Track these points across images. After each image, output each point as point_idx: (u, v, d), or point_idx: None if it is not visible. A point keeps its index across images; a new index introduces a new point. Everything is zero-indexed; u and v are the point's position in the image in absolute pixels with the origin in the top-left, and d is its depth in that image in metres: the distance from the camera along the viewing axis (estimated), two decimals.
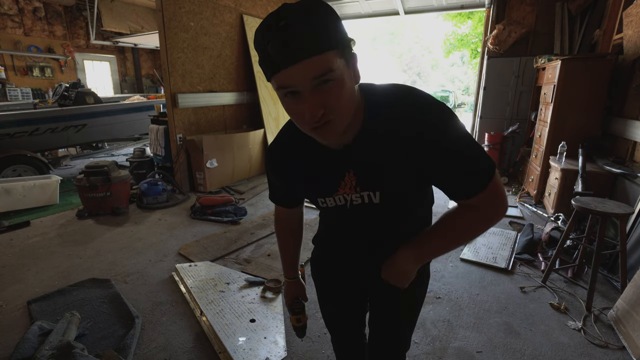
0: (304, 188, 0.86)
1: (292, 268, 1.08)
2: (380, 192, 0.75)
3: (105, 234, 3.05)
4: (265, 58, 0.58)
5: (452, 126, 0.67)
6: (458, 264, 2.58)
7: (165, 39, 3.74)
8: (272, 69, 0.58)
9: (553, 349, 1.74)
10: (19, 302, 2.09)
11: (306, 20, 0.55)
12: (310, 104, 0.58)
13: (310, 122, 0.61)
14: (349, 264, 0.96)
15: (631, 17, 3.09)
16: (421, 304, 1.00)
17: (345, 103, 0.61)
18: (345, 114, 0.63)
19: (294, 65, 0.55)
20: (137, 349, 1.72)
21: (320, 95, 0.58)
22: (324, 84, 0.58)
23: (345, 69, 0.60)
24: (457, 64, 23.75)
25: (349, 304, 1.04)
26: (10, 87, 7.53)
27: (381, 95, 0.70)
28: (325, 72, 0.56)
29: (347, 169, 0.75)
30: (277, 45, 0.55)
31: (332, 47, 0.57)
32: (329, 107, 0.59)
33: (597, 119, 3.36)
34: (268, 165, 0.87)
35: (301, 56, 0.55)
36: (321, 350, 1.73)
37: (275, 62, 0.56)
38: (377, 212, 0.79)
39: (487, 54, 4.97)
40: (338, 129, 0.63)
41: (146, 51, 10.45)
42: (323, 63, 0.56)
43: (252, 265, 2.53)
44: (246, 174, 4.76)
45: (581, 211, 2.09)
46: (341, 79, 0.59)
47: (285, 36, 0.54)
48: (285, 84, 0.58)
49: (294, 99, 0.60)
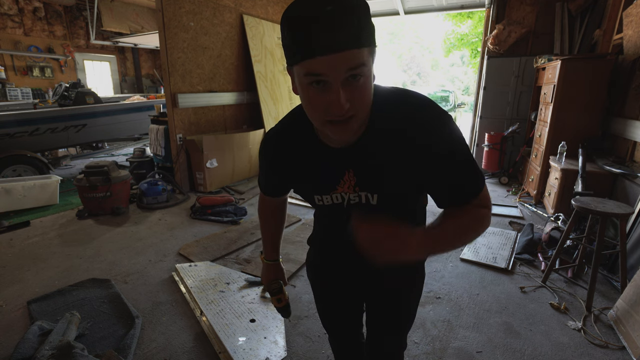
0: (299, 183, 0.85)
1: (273, 250, 1.08)
2: (378, 194, 0.75)
3: (105, 234, 3.05)
4: (299, 40, 0.54)
5: (454, 136, 0.68)
6: (458, 264, 2.58)
7: (165, 39, 3.74)
8: (306, 53, 0.54)
9: (553, 349, 1.74)
10: (19, 302, 2.09)
11: (353, 11, 0.53)
12: (340, 97, 0.57)
13: (335, 114, 0.59)
14: (344, 265, 0.96)
15: (631, 17, 3.09)
16: (417, 304, 1.00)
17: (368, 101, 0.61)
18: (364, 112, 0.63)
19: (334, 53, 0.53)
20: (137, 349, 1.72)
21: (349, 90, 0.57)
22: (354, 79, 0.57)
23: (372, 67, 0.60)
24: (457, 64, 23.76)
25: (346, 305, 1.04)
26: (10, 87, 7.53)
27: (386, 98, 0.70)
28: (359, 65, 0.56)
29: (348, 168, 0.74)
30: (322, 29, 0.52)
31: (367, 44, 0.56)
32: (355, 103, 0.59)
33: (597, 119, 3.36)
34: (262, 153, 0.85)
35: (342, 47, 0.53)
36: (321, 350, 1.73)
37: (313, 46, 0.53)
38: (374, 213, 0.78)
39: (487, 54, 4.97)
40: (355, 127, 0.63)
41: (146, 51, 10.45)
42: (358, 57, 0.55)
43: (252, 265, 2.53)
44: (246, 174, 4.76)
45: (581, 211, 2.10)
46: (369, 76, 0.59)
47: (331, 23, 0.52)
48: (317, 71, 0.55)
49: (320, 89, 0.58)
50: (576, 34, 4.23)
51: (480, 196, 0.72)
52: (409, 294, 0.94)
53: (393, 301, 0.94)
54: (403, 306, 0.96)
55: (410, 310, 0.99)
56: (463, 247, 2.74)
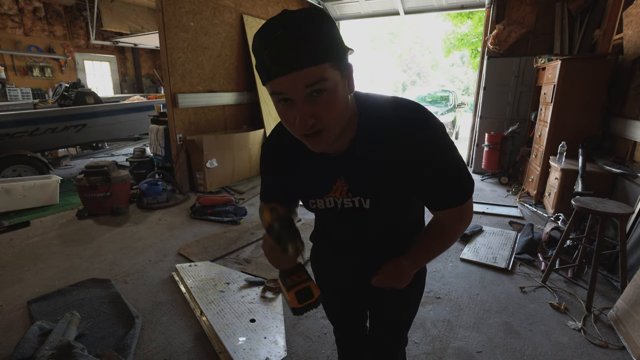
0: (294, 187, 0.86)
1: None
2: (371, 199, 0.77)
3: (105, 234, 3.05)
4: (260, 64, 0.59)
5: (444, 144, 0.71)
6: (458, 264, 2.58)
7: (165, 39, 3.74)
8: (266, 75, 0.59)
9: (553, 349, 1.74)
10: (19, 302, 2.09)
11: (303, 31, 0.56)
12: (302, 113, 0.60)
13: (300, 130, 0.62)
14: (343, 262, 0.98)
15: (631, 17, 3.09)
16: (419, 300, 1.03)
17: (336, 114, 0.62)
18: (335, 125, 0.64)
19: (288, 74, 0.56)
20: (137, 349, 1.72)
21: (312, 105, 0.59)
22: (317, 94, 0.58)
23: (339, 80, 0.61)
24: (457, 64, 23.75)
25: (349, 299, 1.06)
26: (10, 87, 7.53)
27: (376, 106, 0.72)
28: (317, 81, 0.57)
29: (339, 175, 0.77)
30: (273, 53, 0.56)
31: (326, 60, 0.58)
32: (320, 118, 0.61)
33: (597, 119, 3.36)
34: (262, 160, 0.88)
35: (294, 67, 0.56)
36: (321, 350, 1.73)
37: (270, 69, 0.57)
38: (368, 216, 0.81)
39: (487, 54, 4.97)
40: (327, 139, 0.64)
41: (146, 51, 10.45)
42: (316, 74, 0.57)
43: (252, 265, 2.53)
44: (246, 174, 4.76)
45: (581, 211, 2.10)
46: (334, 90, 0.60)
47: (281, 46, 0.55)
48: (278, 90, 0.59)
49: (287, 105, 0.61)
50: (576, 34, 4.23)
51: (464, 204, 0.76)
52: (410, 289, 0.95)
53: (395, 297, 0.95)
54: (405, 302, 0.98)
55: (412, 306, 1.01)
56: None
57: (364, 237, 0.89)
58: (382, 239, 0.89)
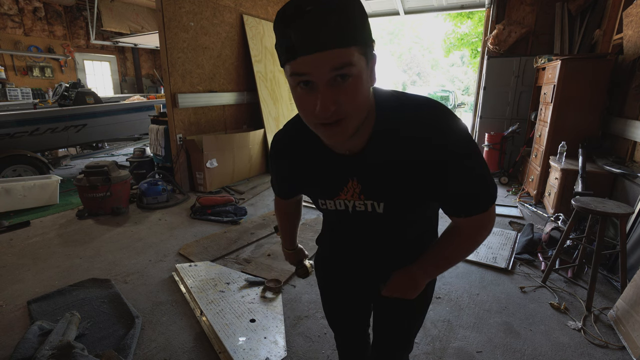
0: (304, 186, 0.84)
1: (291, 242, 1.14)
2: (385, 203, 0.73)
3: (105, 234, 3.05)
4: (283, 41, 0.54)
5: (468, 145, 0.66)
6: (458, 264, 2.57)
7: (165, 39, 3.74)
8: (289, 54, 0.54)
9: (553, 349, 1.74)
10: (19, 302, 2.09)
11: (336, 10, 0.52)
12: (324, 98, 0.55)
13: (321, 117, 0.57)
14: (351, 267, 0.95)
15: (631, 17, 3.09)
16: (426, 308, 0.97)
17: (359, 103, 0.58)
18: (357, 114, 0.59)
19: (314, 53, 0.52)
20: (137, 349, 1.72)
21: (336, 91, 0.55)
22: (341, 79, 0.55)
23: (364, 68, 0.57)
24: (457, 64, 23.76)
25: (353, 305, 1.03)
26: (10, 87, 7.53)
27: (395, 104, 0.67)
28: (344, 65, 0.53)
29: (352, 176, 0.72)
30: (301, 29, 0.51)
31: (355, 43, 0.54)
32: (342, 105, 0.56)
33: (597, 119, 3.36)
34: (271, 155, 0.85)
35: (324, 46, 0.51)
36: (321, 351, 1.73)
37: (295, 47, 0.53)
38: (380, 220, 0.77)
39: (487, 54, 4.97)
40: (346, 130, 0.59)
41: (146, 51, 10.45)
42: (344, 56, 0.53)
43: (252, 265, 2.53)
44: (246, 174, 4.77)
45: (581, 211, 2.10)
46: (359, 76, 0.56)
47: (312, 22, 0.51)
48: (300, 71, 0.54)
49: (307, 90, 0.56)
50: (576, 34, 4.23)
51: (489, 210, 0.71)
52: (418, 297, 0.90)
53: (402, 304, 0.91)
54: (412, 310, 0.94)
55: (419, 315, 0.96)
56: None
57: (373, 243, 0.85)
58: (393, 245, 0.85)
